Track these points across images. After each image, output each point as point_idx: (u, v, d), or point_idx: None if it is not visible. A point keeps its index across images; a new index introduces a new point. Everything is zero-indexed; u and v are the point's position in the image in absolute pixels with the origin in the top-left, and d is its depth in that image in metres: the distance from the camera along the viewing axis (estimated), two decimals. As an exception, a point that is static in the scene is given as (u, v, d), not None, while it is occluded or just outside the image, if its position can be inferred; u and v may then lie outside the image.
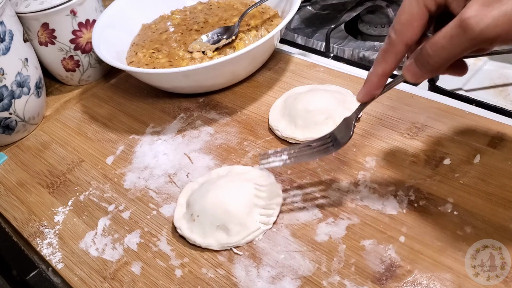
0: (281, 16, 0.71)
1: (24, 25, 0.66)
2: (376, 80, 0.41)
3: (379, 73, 0.40)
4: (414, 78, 0.38)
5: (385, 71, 0.40)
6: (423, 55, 0.36)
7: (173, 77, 0.60)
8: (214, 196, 0.47)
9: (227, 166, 0.54)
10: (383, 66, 0.40)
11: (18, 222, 0.54)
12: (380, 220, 0.45)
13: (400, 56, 0.39)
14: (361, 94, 0.43)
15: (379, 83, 0.41)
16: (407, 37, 0.38)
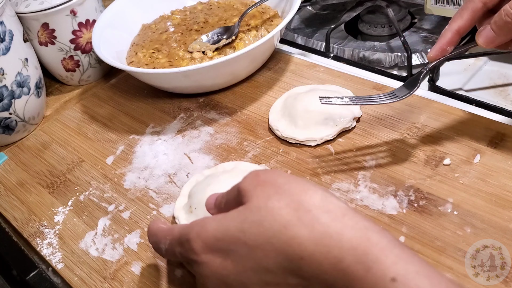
0: (281, 16, 0.71)
1: (24, 25, 0.66)
2: (450, 36, 0.42)
3: (454, 28, 0.41)
4: (487, 41, 0.39)
5: (460, 27, 0.41)
6: (502, 17, 0.36)
7: (173, 77, 0.60)
8: (213, 190, 0.47)
9: (234, 162, 0.54)
10: (459, 22, 0.41)
11: (18, 222, 0.54)
12: (380, 220, 0.45)
13: (476, 13, 0.40)
14: (433, 51, 0.43)
15: (453, 39, 0.42)
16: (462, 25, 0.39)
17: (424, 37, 0.70)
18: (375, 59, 0.69)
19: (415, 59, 0.66)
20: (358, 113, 0.56)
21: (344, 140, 0.54)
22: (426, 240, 0.42)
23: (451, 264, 0.40)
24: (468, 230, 0.42)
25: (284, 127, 0.55)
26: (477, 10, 0.39)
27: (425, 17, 0.74)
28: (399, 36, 0.67)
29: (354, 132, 0.55)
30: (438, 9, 0.66)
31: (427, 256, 0.41)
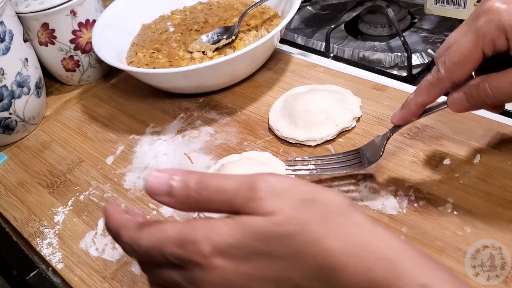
0: (281, 16, 0.71)
1: (24, 25, 0.66)
2: (414, 108, 0.41)
3: (418, 102, 0.41)
4: (461, 110, 0.39)
5: (425, 102, 0.41)
6: (480, 94, 0.37)
7: (173, 77, 0.60)
8: None
9: (236, 154, 0.55)
10: (425, 97, 0.40)
11: (18, 222, 0.54)
12: (380, 220, 0.45)
13: (444, 91, 0.39)
14: (397, 117, 0.43)
15: (417, 112, 0.42)
16: (456, 77, 0.38)
17: (424, 37, 0.70)
18: (375, 59, 0.69)
19: (415, 59, 0.66)
20: (358, 113, 0.56)
21: (344, 140, 0.54)
22: (426, 240, 0.42)
23: (451, 264, 0.40)
24: (468, 230, 0.42)
25: (284, 127, 0.55)
26: (446, 89, 0.39)
27: (425, 17, 0.74)
28: (399, 36, 0.67)
29: (354, 132, 0.55)
30: (438, 9, 0.66)
31: (427, 256, 0.41)
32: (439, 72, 0.38)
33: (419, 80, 0.64)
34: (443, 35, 0.69)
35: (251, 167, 0.50)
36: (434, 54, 0.66)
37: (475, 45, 0.36)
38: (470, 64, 0.37)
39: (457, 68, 0.37)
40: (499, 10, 0.34)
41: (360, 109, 0.56)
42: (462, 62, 0.37)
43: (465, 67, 0.37)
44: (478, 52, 0.36)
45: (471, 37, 0.36)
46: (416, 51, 0.67)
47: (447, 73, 0.38)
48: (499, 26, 0.34)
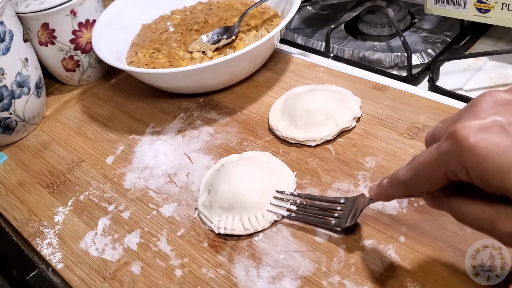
0: (281, 16, 0.71)
1: (24, 25, 0.66)
2: (385, 196, 0.38)
3: (388, 192, 0.38)
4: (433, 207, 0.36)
5: (395, 196, 0.38)
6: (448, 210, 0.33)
7: (173, 77, 0.60)
8: (231, 173, 0.49)
9: (235, 154, 0.55)
10: (394, 192, 0.37)
11: (18, 222, 0.54)
12: (380, 220, 0.45)
13: (413, 195, 0.37)
14: (373, 192, 0.40)
15: (387, 200, 0.40)
16: (422, 189, 0.34)
17: (424, 37, 0.70)
18: (375, 59, 0.69)
19: (415, 59, 0.66)
20: (358, 113, 0.56)
21: (344, 140, 0.54)
22: (426, 240, 0.42)
23: (451, 264, 0.40)
24: (468, 230, 0.42)
25: (284, 127, 0.55)
26: (412, 195, 0.37)
27: (425, 17, 0.74)
28: (399, 36, 0.67)
29: (354, 132, 0.55)
30: (438, 9, 0.66)
31: (427, 256, 0.41)
32: (407, 176, 0.34)
33: (419, 80, 0.64)
34: (443, 35, 0.69)
35: (251, 167, 0.50)
36: (434, 54, 0.67)
37: (437, 168, 0.31)
38: (434, 182, 0.32)
39: (421, 182, 0.33)
40: (463, 145, 0.29)
41: (360, 109, 0.56)
42: (426, 179, 0.33)
43: (429, 183, 0.33)
44: (441, 175, 0.31)
45: (435, 158, 0.31)
46: (416, 51, 0.67)
47: (412, 181, 0.34)
48: (461, 162, 0.29)
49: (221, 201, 0.48)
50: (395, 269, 0.41)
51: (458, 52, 0.67)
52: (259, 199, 0.47)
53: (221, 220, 0.47)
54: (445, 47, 0.68)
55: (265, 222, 0.47)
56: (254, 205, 0.47)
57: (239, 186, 0.48)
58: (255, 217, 0.47)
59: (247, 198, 0.47)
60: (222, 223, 0.47)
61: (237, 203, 0.47)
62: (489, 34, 0.69)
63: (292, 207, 0.47)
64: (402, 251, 0.42)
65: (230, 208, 0.47)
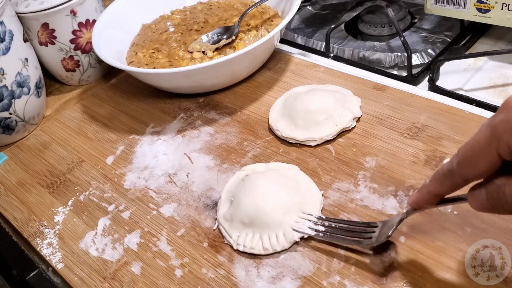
0: (281, 16, 0.71)
1: (24, 25, 0.66)
2: (427, 196, 0.37)
3: (431, 191, 0.36)
4: (481, 209, 0.33)
5: (438, 192, 0.36)
6: (500, 199, 0.31)
7: (173, 77, 0.60)
8: (255, 185, 0.47)
9: (263, 164, 0.53)
10: (438, 187, 0.35)
11: (18, 222, 0.54)
12: (380, 220, 0.45)
13: (458, 186, 0.34)
14: (412, 199, 0.38)
15: (430, 200, 0.37)
16: (469, 174, 0.32)
17: (424, 37, 0.70)
18: (375, 59, 0.69)
19: (415, 59, 0.66)
20: (358, 113, 0.56)
21: (344, 140, 0.54)
22: (426, 240, 0.42)
23: (451, 264, 0.40)
24: (468, 230, 0.42)
25: (284, 127, 0.55)
26: (458, 184, 0.34)
27: (425, 17, 0.74)
28: (399, 36, 0.67)
29: (354, 132, 0.55)
30: (438, 9, 0.66)
31: (427, 256, 0.41)
32: (452, 164, 0.33)
33: (419, 80, 0.64)
34: (443, 35, 0.69)
35: (276, 182, 0.47)
36: (434, 54, 0.67)
37: (488, 145, 0.30)
38: (483, 164, 0.31)
39: (469, 165, 0.32)
40: None
41: (360, 109, 0.56)
42: (474, 160, 0.31)
43: (478, 165, 0.31)
44: (492, 154, 0.30)
45: (486, 134, 0.31)
46: (416, 51, 0.67)
47: (459, 168, 0.33)
48: None
49: (242, 215, 0.46)
50: (395, 269, 0.41)
51: (458, 52, 0.67)
52: (281, 217, 0.45)
53: (240, 236, 0.46)
54: (445, 47, 0.68)
55: (285, 242, 0.44)
56: (275, 224, 0.45)
57: (262, 201, 0.45)
58: (276, 236, 0.45)
59: (269, 215, 0.45)
60: (242, 239, 0.45)
61: (258, 219, 0.45)
62: (489, 34, 0.69)
63: (319, 228, 0.44)
64: (402, 251, 0.42)
65: (250, 224, 0.45)
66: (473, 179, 0.33)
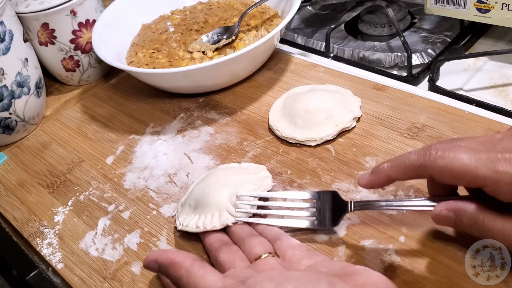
0: (281, 16, 0.71)
1: (24, 25, 0.66)
2: (384, 181, 0.39)
3: (390, 176, 0.38)
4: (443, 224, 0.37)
5: (398, 179, 0.38)
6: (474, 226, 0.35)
7: (173, 77, 0.60)
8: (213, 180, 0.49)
9: (234, 163, 0.54)
10: (399, 175, 0.38)
11: (18, 222, 0.54)
12: (380, 220, 0.45)
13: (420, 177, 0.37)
14: (364, 181, 0.40)
15: (385, 184, 0.39)
16: (445, 180, 0.35)
17: (424, 37, 0.70)
18: (375, 59, 0.69)
19: (415, 59, 0.66)
20: (358, 113, 0.56)
21: (344, 140, 0.54)
22: (426, 240, 0.42)
23: (451, 264, 0.40)
24: (468, 230, 0.42)
25: (284, 127, 0.55)
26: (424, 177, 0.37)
27: (425, 17, 0.74)
28: (399, 36, 0.67)
29: (354, 132, 0.55)
30: (438, 9, 0.66)
31: (427, 256, 0.41)
32: (429, 158, 0.34)
33: (419, 80, 0.64)
34: (443, 35, 0.69)
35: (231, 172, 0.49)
36: (434, 54, 0.67)
37: (483, 175, 0.32)
38: (463, 182, 0.34)
39: (450, 175, 0.34)
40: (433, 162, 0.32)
41: (360, 109, 0.56)
42: (458, 175, 0.33)
43: (458, 182, 0.34)
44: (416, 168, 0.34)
45: (484, 165, 0.32)
46: (416, 51, 0.67)
47: (437, 170, 0.34)
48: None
49: (190, 200, 0.48)
50: (395, 269, 0.41)
51: (458, 52, 0.67)
52: (221, 199, 0.46)
53: (186, 218, 0.47)
54: (445, 47, 0.68)
55: (217, 223, 0.45)
56: (215, 204, 0.46)
57: (208, 186, 0.48)
58: (211, 216, 0.46)
59: (210, 195, 0.46)
60: (185, 220, 0.47)
61: (201, 200, 0.47)
62: (489, 34, 0.69)
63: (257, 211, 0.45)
64: (402, 251, 0.42)
65: (196, 206, 0.47)
66: (444, 184, 0.35)
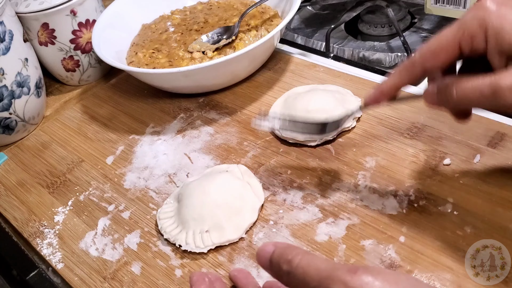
0: (281, 16, 0.71)
1: (24, 25, 0.66)
2: (386, 89, 0.41)
3: (389, 83, 0.41)
4: (431, 103, 0.38)
5: (397, 85, 0.40)
6: (447, 93, 0.35)
7: (173, 77, 0.60)
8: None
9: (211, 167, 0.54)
10: (396, 80, 0.40)
11: (18, 222, 0.54)
12: (380, 220, 0.45)
13: (416, 77, 0.39)
14: (368, 98, 0.42)
15: (388, 94, 0.41)
16: (429, 64, 0.37)
17: (424, 37, 0.70)
18: (375, 59, 0.69)
19: (415, 59, 0.66)
20: (358, 113, 0.56)
21: (344, 140, 0.54)
22: (426, 240, 0.42)
23: (451, 264, 0.40)
24: (468, 230, 0.42)
25: (284, 127, 0.55)
26: (417, 75, 0.39)
27: (425, 17, 0.74)
28: (399, 36, 0.67)
29: (354, 132, 0.55)
30: (438, 9, 0.66)
31: (427, 256, 0.41)
32: (414, 56, 0.38)
33: (419, 80, 0.64)
34: (443, 35, 0.69)
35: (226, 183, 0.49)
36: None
37: (453, 36, 0.35)
38: (444, 54, 0.36)
39: (431, 55, 0.37)
40: (488, 9, 0.34)
41: (360, 109, 0.56)
42: (437, 50, 0.36)
43: (439, 56, 0.36)
44: (455, 44, 0.35)
45: (452, 28, 0.35)
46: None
47: (420, 58, 0.37)
48: (481, 24, 0.34)
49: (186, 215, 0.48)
50: (395, 269, 0.41)
51: (458, 52, 0.67)
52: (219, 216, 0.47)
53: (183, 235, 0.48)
54: (445, 47, 0.68)
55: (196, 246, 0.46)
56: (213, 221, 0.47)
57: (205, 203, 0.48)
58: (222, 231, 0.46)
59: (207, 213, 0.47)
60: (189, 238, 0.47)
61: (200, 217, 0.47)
62: (489, 34, 0.69)
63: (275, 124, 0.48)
64: (402, 251, 0.42)
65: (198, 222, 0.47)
66: (431, 70, 0.38)
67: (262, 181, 0.51)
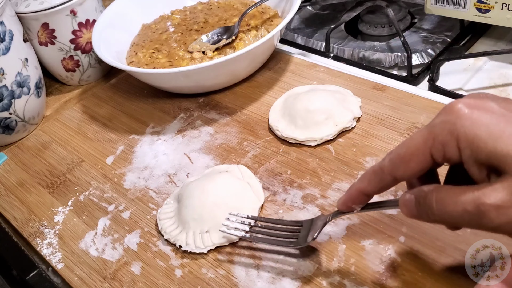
0: (281, 16, 0.71)
1: (24, 25, 0.66)
2: (355, 194, 0.37)
3: (359, 188, 0.36)
4: (410, 215, 0.33)
5: (365, 190, 0.36)
6: (426, 205, 0.31)
7: (173, 77, 0.60)
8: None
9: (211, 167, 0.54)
10: (365, 185, 0.36)
11: (18, 222, 0.54)
12: (380, 220, 0.45)
13: (385, 185, 0.34)
14: (340, 202, 0.38)
15: (358, 199, 0.37)
16: (398, 172, 0.33)
17: (424, 37, 0.70)
18: (375, 59, 0.69)
19: (415, 59, 0.66)
20: (358, 113, 0.56)
21: (344, 140, 0.54)
22: (426, 240, 0.42)
23: (451, 264, 0.40)
24: (468, 230, 0.42)
25: (284, 127, 0.55)
26: (387, 183, 0.34)
27: (425, 17, 0.74)
28: (399, 36, 0.67)
29: (354, 132, 0.55)
30: (438, 9, 0.66)
31: (427, 256, 0.41)
32: (383, 161, 0.34)
33: (419, 80, 0.64)
34: (443, 35, 0.69)
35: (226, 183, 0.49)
36: (434, 54, 0.67)
37: (423, 143, 0.31)
38: (415, 163, 0.31)
39: (401, 162, 0.32)
40: (459, 113, 0.29)
41: (360, 109, 0.56)
42: (407, 158, 0.32)
43: (409, 164, 0.32)
44: (426, 153, 0.31)
45: (423, 133, 0.31)
46: (416, 51, 0.67)
47: (389, 164, 0.33)
48: (452, 131, 0.29)
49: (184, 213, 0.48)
50: (395, 269, 0.41)
51: (458, 52, 0.67)
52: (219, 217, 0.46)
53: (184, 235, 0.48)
54: (445, 47, 0.68)
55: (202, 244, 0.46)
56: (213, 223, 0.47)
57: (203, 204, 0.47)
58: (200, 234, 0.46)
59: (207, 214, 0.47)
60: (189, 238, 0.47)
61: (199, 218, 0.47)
62: (489, 34, 0.69)
63: (245, 228, 0.45)
64: (402, 251, 0.42)
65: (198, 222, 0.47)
66: (401, 178, 0.33)
67: (262, 181, 0.51)
